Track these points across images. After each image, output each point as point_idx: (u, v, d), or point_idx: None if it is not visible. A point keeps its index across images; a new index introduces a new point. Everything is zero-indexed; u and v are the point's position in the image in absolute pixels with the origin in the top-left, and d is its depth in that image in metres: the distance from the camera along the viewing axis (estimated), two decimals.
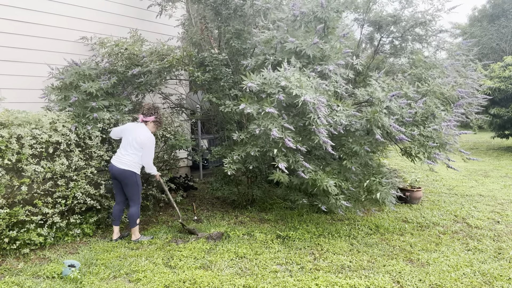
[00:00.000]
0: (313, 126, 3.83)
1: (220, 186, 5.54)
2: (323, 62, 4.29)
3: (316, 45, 4.18)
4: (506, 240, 4.48)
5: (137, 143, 4.24)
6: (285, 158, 4.05)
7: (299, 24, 4.44)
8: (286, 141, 3.81)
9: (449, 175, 8.45)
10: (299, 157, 4.12)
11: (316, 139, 3.86)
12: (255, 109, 3.93)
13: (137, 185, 4.33)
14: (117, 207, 4.46)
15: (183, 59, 5.07)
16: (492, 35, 23.72)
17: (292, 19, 4.51)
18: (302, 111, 4.03)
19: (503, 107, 11.39)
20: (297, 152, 4.13)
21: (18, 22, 5.00)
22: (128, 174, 4.25)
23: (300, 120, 4.18)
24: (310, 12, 4.37)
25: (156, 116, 4.41)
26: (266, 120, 3.92)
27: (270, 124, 3.88)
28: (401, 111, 4.11)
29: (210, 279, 3.42)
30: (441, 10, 5.36)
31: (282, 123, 3.93)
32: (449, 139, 4.29)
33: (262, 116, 3.95)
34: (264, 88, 3.93)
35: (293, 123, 4.10)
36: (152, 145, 4.33)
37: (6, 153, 3.77)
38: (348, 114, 4.10)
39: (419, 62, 4.99)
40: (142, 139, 4.25)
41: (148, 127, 4.39)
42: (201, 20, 5.42)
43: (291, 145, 3.81)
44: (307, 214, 5.36)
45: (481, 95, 5.21)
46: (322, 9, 4.28)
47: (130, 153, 4.25)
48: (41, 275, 3.50)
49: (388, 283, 3.43)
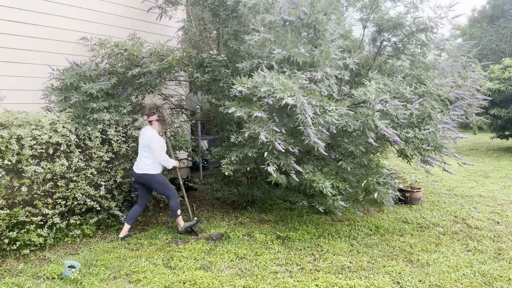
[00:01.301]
0: (302, 127, 3.83)
1: (220, 187, 5.55)
2: (312, 69, 4.29)
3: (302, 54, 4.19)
4: (506, 241, 4.48)
5: (144, 145, 4.35)
6: (277, 161, 4.06)
7: (290, 30, 4.44)
8: (276, 144, 3.82)
9: (449, 176, 8.45)
10: (291, 160, 4.12)
11: (306, 139, 3.86)
12: (246, 112, 3.94)
13: (161, 183, 4.44)
14: (136, 207, 4.57)
15: (182, 60, 5.08)
16: (492, 36, 23.74)
17: (281, 23, 4.52)
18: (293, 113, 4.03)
19: (503, 108, 11.40)
20: (290, 154, 4.13)
21: (19, 23, 5.01)
22: (147, 177, 4.38)
23: (291, 121, 4.18)
24: (297, 19, 4.38)
25: (159, 115, 4.48)
26: (255, 124, 3.92)
27: (259, 128, 3.88)
28: (396, 112, 4.09)
29: (210, 280, 3.42)
30: (444, 18, 5.38)
31: (271, 126, 3.93)
32: (444, 142, 4.27)
33: (252, 120, 3.96)
34: (254, 91, 3.94)
35: (285, 125, 4.10)
36: (156, 141, 4.36)
37: (6, 153, 3.78)
38: (341, 114, 4.08)
39: (419, 63, 4.99)
40: (145, 140, 4.35)
41: (153, 127, 4.46)
42: (200, 22, 5.43)
43: (280, 148, 3.82)
44: (307, 215, 5.37)
45: (481, 96, 5.21)
46: (306, 16, 4.29)
47: (142, 156, 4.39)
48: (41, 276, 3.51)
49: (388, 283, 3.43)
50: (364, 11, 6.24)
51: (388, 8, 6.09)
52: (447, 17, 5.36)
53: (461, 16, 5.30)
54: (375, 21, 6.11)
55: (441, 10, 5.38)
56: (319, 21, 4.31)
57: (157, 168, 4.42)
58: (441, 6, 5.39)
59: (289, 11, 4.40)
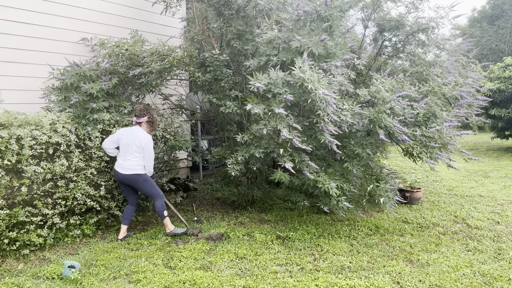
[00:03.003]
0: (321, 124, 3.83)
1: (220, 187, 5.54)
2: (328, 60, 4.29)
3: (322, 42, 4.18)
4: (506, 241, 4.48)
5: (137, 146, 4.28)
6: (291, 158, 4.05)
7: (303, 23, 4.45)
8: (294, 141, 3.82)
9: (449, 175, 8.45)
10: (304, 157, 4.12)
11: (322, 138, 3.87)
12: (261, 109, 3.95)
13: (148, 181, 4.39)
14: (129, 207, 4.53)
15: (183, 59, 5.07)
16: (491, 36, 23.75)
17: (296, 18, 4.51)
18: (310, 109, 4.02)
19: (503, 108, 11.38)
20: (302, 152, 4.14)
21: (19, 23, 5.00)
22: (135, 177, 4.32)
23: (305, 119, 4.19)
24: (313, 10, 4.38)
25: (149, 116, 4.43)
26: (275, 121, 3.93)
27: (279, 124, 3.89)
28: (404, 111, 4.11)
29: (210, 280, 3.42)
30: (445, 18, 5.39)
31: (290, 123, 3.94)
32: (449, 139, 4.30)
33: (269, 117, 3.96)
34: (270, 88, 3.94)
35: (299, 122, 4.11)
36: (151, 146, 4.40)
37: (6, 154, 3.77)
38: (354, 113, 4.10)
39: (420, 61, 5.00)
40: (142, 141, 4.29)
41: (143, 128, 4.41)
42: (203, 20, 5.42)
43: (299, 144, 3.81)
44: (307, 215, 5.37)
45: (482, 96, 5.22)
46: (326, 7, 4.29)
47: (131, 157, 4.30)
48: (41, 276, 3.50)
49: (388, 283, 3.43)
50: (365, 11, 6.25)
51: (389, 8, 6.09)
52: (448, 17, 5.37)
53: (461, 16, 5.31)
54: (376, 21, 6.11)
55: (442, 10, 5.39)
56: (334, 17, 4.33)
57: (143, 168, 4.38)
58: (442, 6, 5.40)
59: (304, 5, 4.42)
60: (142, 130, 4.39)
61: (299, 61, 3.91)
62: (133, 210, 4.55)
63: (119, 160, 4.37)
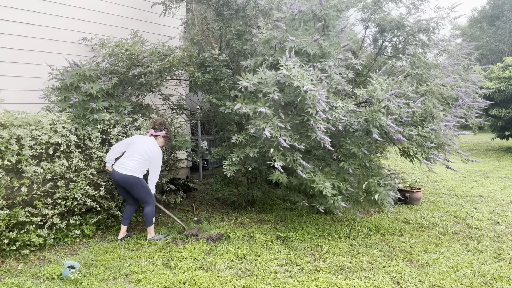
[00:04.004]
0: (311, 121, 3.81)
1: (220, 187, 5.54)
2: (323, 59, 4.29)
3: (316, 42, 4.17)
4: (506, 241, 4.48)
5: (147, 154, 4.31)
6: (283, 157, 4.05)
7: (298, 23, 4.44)
8: (281, 141, 3.81)
9: (449, 176, 8.45)
10: (297, 156, 4.11)
11: (313, 135, 3.85)
12: (251, 109, 3.93)
13: (145, 187, 4.38)
14: (128, 207, 4.52)
15: (183, 59, 5.07)
16: (490, 36, 23.76)
17: (291, 18, 4.51)
18: (301, 108, 4.02)
19: (503, 108, 11.39)
20: (295, 151, 4.13)
21: (19, 23, 5.00)
22: (133, 179, 4.28)
23: (297, 117, 4.17)
24: (309, 10, 4.37)
25: (167, 132, 4.53)
26: (260, 120, 3.92)
27: (264, 124, 3.88)
28: (399, 110, 4.10)
29: (210, 280, 3.42)
30: (446, 19, 5.40)
31: (276, 122, 3.92)
32: (447, 140, 4.29)
33: (257, 116, 3.95)
34: (260, 88, 3.93)
35: (290, 121, 4.10)
36: (160, 160, 4.43)
37: (6, 154, 3.77)
38: (347, 110, 4.09)
39: (420, 63, 4.99)
40: (153, 152, 4.33)
41: (157, 141, 4.48)
42: (202, 21, 5.42)
43: (285, 144, 3.81)
44: (307, 215, 5.37)
45: (482, 99, 5.22)
46: (321, 7, 4.28)
47: (136, 159, 4.29)
48: (41, 276, 3.50)
49: (388, 284, 3.43)
50: (365, 12, 6.25)
51: (390, 9, 6.10)
52: (448, 17, 5.38)
53: (461, 17, 5.31)
54: (376, 22, 6.12)
55: (443, 11, 5.40)
56: (330, 16, 4.32)
57: (143, 174, 4.38)
58: (443, 7, 5.41)
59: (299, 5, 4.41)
60: (155, 144, 4.43)
61: (284, 59, 3.90)
62: (133, 210, 4.55)
63: (121, 160, 4.34)
